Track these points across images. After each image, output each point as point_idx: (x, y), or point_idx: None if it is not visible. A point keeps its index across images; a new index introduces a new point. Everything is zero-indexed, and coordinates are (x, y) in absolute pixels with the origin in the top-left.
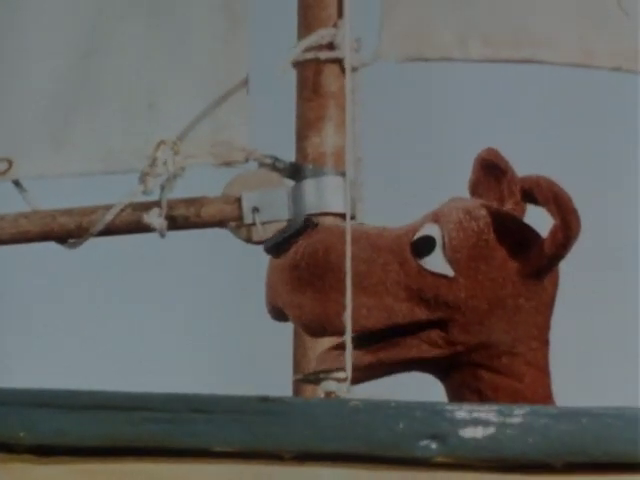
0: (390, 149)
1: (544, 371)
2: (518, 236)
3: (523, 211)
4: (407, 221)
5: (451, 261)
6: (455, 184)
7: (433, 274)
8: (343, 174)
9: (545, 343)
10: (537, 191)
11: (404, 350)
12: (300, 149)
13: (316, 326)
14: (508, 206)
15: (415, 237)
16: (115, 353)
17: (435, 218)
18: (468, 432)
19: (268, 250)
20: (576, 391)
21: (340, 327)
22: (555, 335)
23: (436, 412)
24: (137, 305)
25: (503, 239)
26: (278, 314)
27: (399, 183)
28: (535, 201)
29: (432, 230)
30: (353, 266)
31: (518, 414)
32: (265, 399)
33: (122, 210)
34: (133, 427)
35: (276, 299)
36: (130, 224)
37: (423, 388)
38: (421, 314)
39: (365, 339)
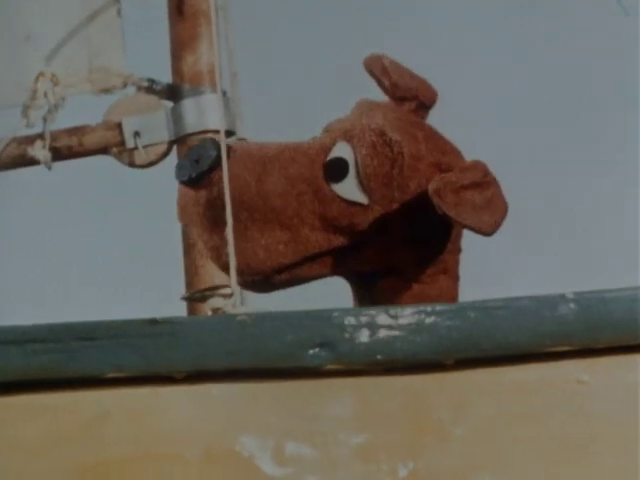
0: (267, 63)
1: (453, 277)
2: (432, 160)
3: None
4: (289, 136)
5: (365, 189)
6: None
7: (347, 202)
8: (221, 92)
9: (457, 252)
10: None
11: (304, 272)
12: (176, 69)
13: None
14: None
15: (327, 158)
16: None
17: (346, 136)
18: (357, 337)
19: (183, 182)
20: None
21: (258, 268)
22: None
23: (323, 319)
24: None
25: (416, 165)
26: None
27: (278, 96)
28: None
29: (344, 150)
30: (268, 202)
31: (405, 314)
32: (153, 321)
33: (7, 145)
34: (23, 360)
35: (190, 225)
36: (15, 158)
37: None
38: (337, 241)
39: None
